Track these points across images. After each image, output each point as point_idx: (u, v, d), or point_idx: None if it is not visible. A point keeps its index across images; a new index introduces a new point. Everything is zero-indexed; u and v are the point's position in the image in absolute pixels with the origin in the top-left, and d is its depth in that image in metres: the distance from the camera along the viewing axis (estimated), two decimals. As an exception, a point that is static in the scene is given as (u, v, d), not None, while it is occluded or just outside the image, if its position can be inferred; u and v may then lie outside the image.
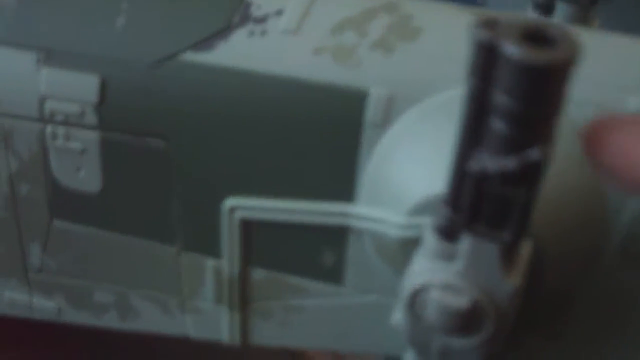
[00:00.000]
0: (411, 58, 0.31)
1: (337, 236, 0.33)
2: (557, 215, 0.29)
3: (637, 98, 0.29)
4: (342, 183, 0.32)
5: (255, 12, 0.33)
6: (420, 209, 0.29)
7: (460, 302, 0.26)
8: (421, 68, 0.31)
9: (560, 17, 0.37)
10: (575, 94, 0.29)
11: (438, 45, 0.31)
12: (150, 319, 0.39)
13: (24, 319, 0.52)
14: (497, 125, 0.22)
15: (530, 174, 0.23)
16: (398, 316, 0.29)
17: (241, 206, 0.34)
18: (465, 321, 0.26)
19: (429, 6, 0.34)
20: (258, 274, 0.36)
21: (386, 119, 0.31)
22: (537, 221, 0.25)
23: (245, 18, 0.33)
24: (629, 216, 0.30)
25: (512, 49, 0.20)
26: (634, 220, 0.30)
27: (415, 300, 0.27)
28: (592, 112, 0.29)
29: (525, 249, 0.27)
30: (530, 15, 0.38)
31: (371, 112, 0.31)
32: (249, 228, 0.34)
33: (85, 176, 0.36)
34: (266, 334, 0.37)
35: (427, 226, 0.26)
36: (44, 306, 0.41)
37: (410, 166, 0.30)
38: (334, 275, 0.34)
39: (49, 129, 0.35)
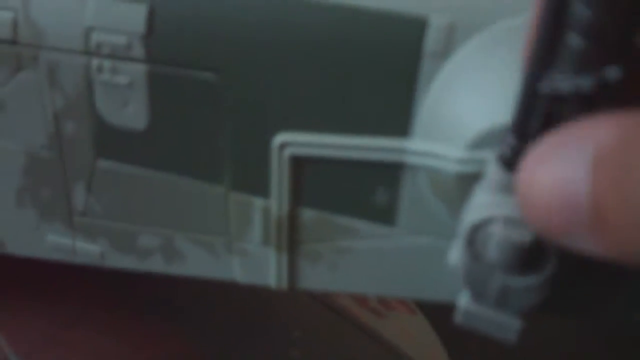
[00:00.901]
0: None
1: (391, 173, 0.32)
2: None
3: None
4: (398, 117, 0.31)
5: None
6: (481, 142, 0.28)
7: (524, 236, 0.25)
8: None
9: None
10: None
11: None
12: (196, 262, 0.38)
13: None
14: (574, 39, 0.20)
15: (607, 95, 0.21)
16: (455, 255, 0.27)
17: (292, 142, 0.32)
18: (528, 257, 0.25)
19: None
20: (307, 214, 0.34)
21: (446, 48, 0.29)
22: None
23: None
24: None
25: None
26: None
27: (475, 236, 0.26)
28: None
29: None
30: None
31: (430, 41, 0.29)
32: (299, 165, 0.33)
33: (131, 112, 0.35)
34: (315, 278, 0.36)
35: (489, 158, 0.25)
36: (88, 250, 0.40)
37: (471, 98, 0.29)
38: (386, 215, 0.33)
39: (94, 62, 0.34)
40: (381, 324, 0.65)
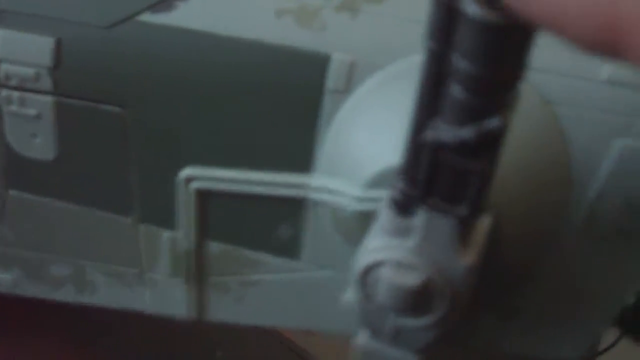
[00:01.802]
0: (376, 22, 0.30)
1: (294, 209, 0.32)
2: (515, 190, 0.28)
3: (609, 66, 0.28)
4: (300, 153, 0.31)
5: None
6: (378, 182, 0.29)
7: (413, 280, 0.25)
8: (386, 33, 0.30)
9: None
10: (546, 64, 0.29)
11: (404, 8, 0.30)
12: (108, 292, 0.38)
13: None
14: (456, 91, 0.21)
15: (489, 144, 0.21)
16: (350, 295, 0.28)
17: (197, 176, 0.33)
18: (418, 300, 0.25)
19: None
20: (214, 247, 0.35)
21: (348, 86, 0.30)
22: (493, 195, 0.24)
23: None
24: (593, 193, 0.29)
25: (474, 8, 0.19)
26: (598, 197, 0.29)
27: (367, 279, 0.26)
28: (560, 81, 0.29)
29: (483, 225, 0.26)
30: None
31: (332, 77, 0.30)
32: (205, 199, 0.33)
33: (40, 143, 0.35)
34: (223, 309, 0.36)
35: (382, 200, 0.26)
36: (0, 278, 0.40)
37: (369, 136, 0.29)
38: (289, 249, 0.34)
39: (3, 93, 0.34)
40: (309, 342, 0.65)
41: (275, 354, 0.62)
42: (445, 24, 0.20)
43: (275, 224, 0.33)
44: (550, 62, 0.29)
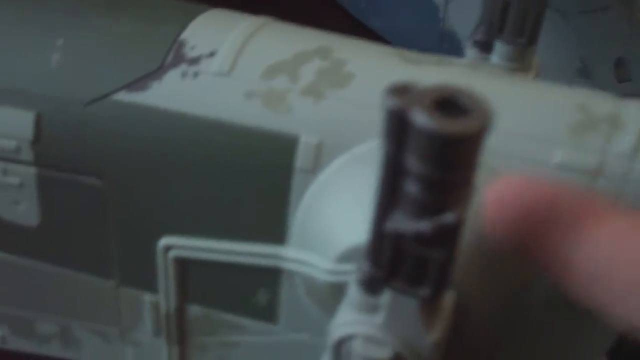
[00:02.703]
0: (341, 105, 0.31)
1: (270, 276, 0.33)
2: (477, 267, 0.29)
3: (561, 151, 0.30)
4: (273, 226, 0.32)
5: (189, 52, 0.33)
6: (347, 257, 0.30)
7: (382, 354, 0.26)
8: (350, 115, 0.31)
9: (498, 55, 0.38)
10: (499, 147, 0.30)
11: (368, 92, 0.31)
12: (92, 349, 0.39)
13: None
14: (411, 189, 0.22)
15: (445, 237, 0.23)
16: None
17: (175, 245, 0.34)
18: (388, 372, 0.27)
19: (363, 50, 0.34)
20: (194, 311, 0.36)
21: (316, 165, 0.31)
22: (457, 274, 0.25)
23: (179, 58, 0.33)
24: None
25: (421, 118, 0.20)
26: None
27: (340, 351, 0.27)
28: (517, 165, 0.30)
29: (447, 302, 0.27)
30: (469, 52, 0.39)
31: (301, 158, 0.31)
32: (184, 266, 0.34)
33: (23, 210, 0.36)
34: None
35: (351, 277, 0.27)
36: None
37: (337, 213, 0.30)
38: (267, 313, 0.35)
39: None
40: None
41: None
42: (398, 130, 0.21)
43: (253, 290, 0.34)
44: (503, 145, 0.30)
